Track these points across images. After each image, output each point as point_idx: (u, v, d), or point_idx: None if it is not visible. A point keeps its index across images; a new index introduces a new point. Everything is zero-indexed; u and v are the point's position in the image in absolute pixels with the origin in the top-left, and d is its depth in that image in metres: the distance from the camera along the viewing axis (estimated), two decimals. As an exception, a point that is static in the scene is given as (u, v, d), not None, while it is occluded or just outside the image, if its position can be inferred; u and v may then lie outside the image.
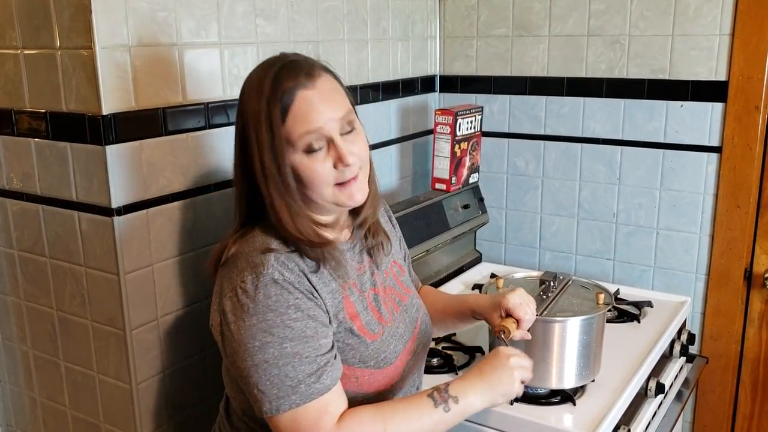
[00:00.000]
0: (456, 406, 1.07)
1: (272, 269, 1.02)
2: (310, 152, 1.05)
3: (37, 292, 1.43)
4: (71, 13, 1.19)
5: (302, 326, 1.02)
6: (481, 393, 1.09)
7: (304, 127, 1.04)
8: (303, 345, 1.01)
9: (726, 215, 1.85)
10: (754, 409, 1.97)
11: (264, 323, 1.00)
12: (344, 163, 1.06)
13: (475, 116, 2.02)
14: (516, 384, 1.12)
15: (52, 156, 1.30)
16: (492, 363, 1.13)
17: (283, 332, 1.00)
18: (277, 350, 1.00)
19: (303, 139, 1.04)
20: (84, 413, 1.44)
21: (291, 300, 1.02)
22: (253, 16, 1.47)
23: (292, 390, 1.00)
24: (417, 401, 1.07)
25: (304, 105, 1.04)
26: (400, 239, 1.37)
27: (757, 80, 1.75)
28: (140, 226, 1.29)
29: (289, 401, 1.00)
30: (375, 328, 1.15)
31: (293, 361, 1.00)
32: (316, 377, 1.01)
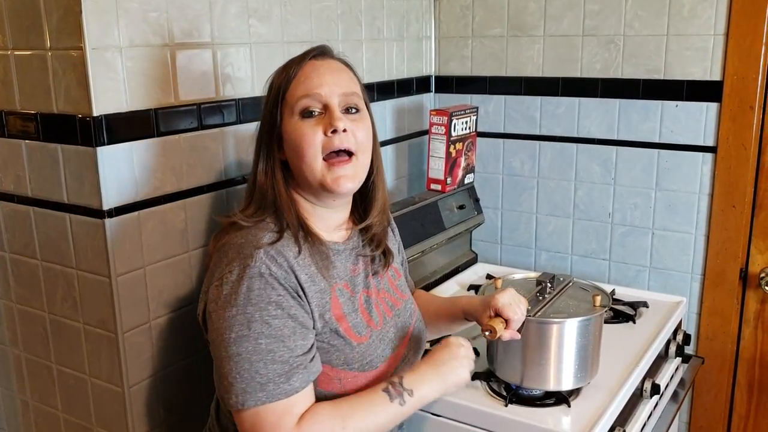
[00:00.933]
0: (411, 399, 1.09)
1: (260, 262, 1.02)
2: (306, 116, 1.09)
3: (28, 294, 1.42)
4: (61, 14, 1.18)
5: (280, 324, 1.02)
6: (435, 384, 1.12)
7: (303, 90, 1.09)
8: (278, 344, 1.01)
9: (721, 215, 1.85)
10: (750, 409, 1.97)
11: (243, 316, 1.00)
12: (333, 126, 1.07)
13: (470, 117, 2.01)
14: (466, 372, 1.16)
15: (42, 157, 1.29)
16: (444, 353, 1.16)
17: (260, 328, 1.00)
18: (252, 345, 1.00)
19: (301, 102, 1.09)
20: (76, 416, 1.43)
21: (273, 296, 1.02)
22: (246, 16, 1.46)
23: (260, 387, 1.00)
24: (373, 396, 1.08)
25: (308, 71, 1.11)
26: (399, 245, 1.37)
27: (751, 80, 1.74)
28: (132, 228, 1.28)
29: (254, 398, 1.00)
30: (362, 330, 1.14)
31: (266, 358, 1.00)
32: (286, 378, 1.01)
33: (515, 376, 1.36)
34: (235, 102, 1.46)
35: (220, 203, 1.45)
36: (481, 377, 1.43)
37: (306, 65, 1.11)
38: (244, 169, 1.48)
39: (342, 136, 1.08)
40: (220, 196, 1.45)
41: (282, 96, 1.11)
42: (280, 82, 1.12)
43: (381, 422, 1.07)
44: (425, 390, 1.11)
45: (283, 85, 1.11)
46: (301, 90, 1.09)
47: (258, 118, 1.19)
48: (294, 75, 1.11)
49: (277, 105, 1.11)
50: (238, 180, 1.48)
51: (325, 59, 1.14)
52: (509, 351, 1.37)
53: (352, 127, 1.10)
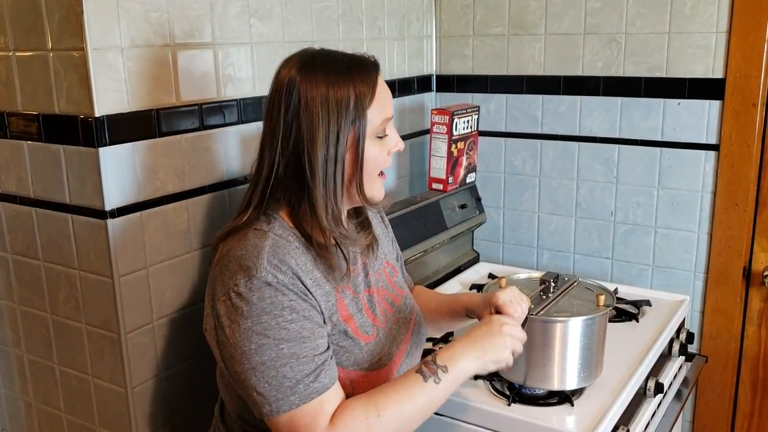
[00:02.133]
0: (446, 375, 1.06)
1: (265, 272, 1.01)
2: (380, 138, 1.12)
3: (31, 295, 1.42)
4: (62, 14, 1.18)
5: (298, 327, 1.01)
6: (472, 358, 1.08)
7: (384, 114, 1.11)
8: (300, 345, 1.00)
9: (724, 213, 1.84)
10: (753, 407, 1.96)
11: (259, 326, 1.00)
12: (398, 148, 1.15)
13: (471, 116, 2.01)
14: (507, 352, 1.11)
15: (44, 158, 1.29)
16: (484, 329, 1.12)
17: (279, 334, 1.00)
18: (274, 352, 0.99)
19: (381, 125, 1.11)
20: (79, 417, 1.43)
21: (285, 302, 1.01)
22: (246, 16, 1.46)
23: (291, 390, 0.99)
24: (406, 380, 1.06)
25: (382, 92, 1.11)
26: (392, 240, 1.37)
27: (754, 77, 1.74)
28: (134, 228, 1.28)
29: (288, 402, 0.99)
30: (369, 329, 1.14)
31: (291, 361, 0.99)
32: (314, 376, 1.00)
33: (519, 375, 1.36)
34: (237, 102, 1.46)
35: (222, 203, 1.45)
36: (484, 377, 1.43)
37: (379, 83, 1.10)
38: (246, 170, 1.48)
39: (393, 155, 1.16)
40: (222, 196, 1.45)
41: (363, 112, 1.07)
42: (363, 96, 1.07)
43: (419, 405, 1.04)
44: (461, 364, 1.07)
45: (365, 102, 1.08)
46: (383, 113, 1.10)
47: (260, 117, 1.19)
48: (373, 95, 1.09)
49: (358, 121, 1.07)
50: (240, 180, 1.48)
51: (379, 73, 1.13)
52: (512, 350, 1.36)
53: None
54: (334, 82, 1.06)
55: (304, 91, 1.06)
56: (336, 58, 1.10)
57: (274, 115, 1.08)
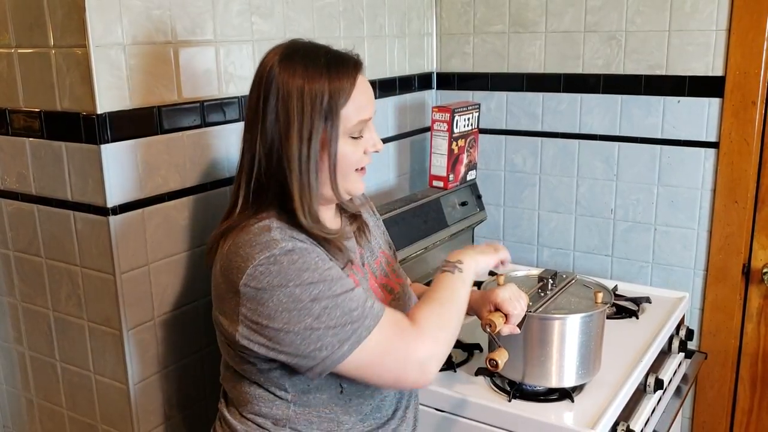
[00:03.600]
0: (463, 266, 1.19)
1: (283, 242, 1.02)
2: (354, 138, 1.11)
3: (32, 292, 1.42)
4: (65, 11, 1.18)
5: (336, 272, 1.04)
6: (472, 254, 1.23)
7: (361, 115, 1.10)
8: (345, 282, 1.04)
9: (724, 211, 1.85)
10: (753, 404, 1.97)
11: (303, 284, 1.00)
12: (376, 149, 1.14)
13: (472, 113, 2.01)
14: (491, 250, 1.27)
15: (46, 155, 1.30)
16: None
17: (324, 279, 1.01)
18: (328, 296, 1.01)
19: (357, 126, 1.10)
20: (81, 414, 1.43)
21: (314, 257, 1.03)
22: (248, 13, 1.47)
23: (362, 315, 1.02)
24: (438, 281, 1.17)
25: (361, 92, 1.10)
26: (383, 231, 1.37)
27: (753, 75, 1.74)
28: (136, 225, 1.29)
29: (365, 326, 1.01)
30: None
31: (347, 297, 1.02)
32: (372, 300, 1.05)
33: (518, 372, 1.36)
34: (238, 99, 1.46)
35: (223, 200, 1.45)
36: (484, 373, 1.44)
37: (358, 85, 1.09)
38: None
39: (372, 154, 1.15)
40: (224, 193, 1.45)
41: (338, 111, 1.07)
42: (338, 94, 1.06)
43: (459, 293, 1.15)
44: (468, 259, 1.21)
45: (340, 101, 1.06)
46: (360, 115, 1.09)
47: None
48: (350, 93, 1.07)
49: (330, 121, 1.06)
50: (242, 177, 1.48)
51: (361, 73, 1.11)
52: (511, 347, 1.36)
53: None
54: (310, 76, 1.06)
55: (280, 81, 1.06)
56: (318, 52, 1.10)
57: (252, 102, 1.09)
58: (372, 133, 1.14)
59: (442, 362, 1.07)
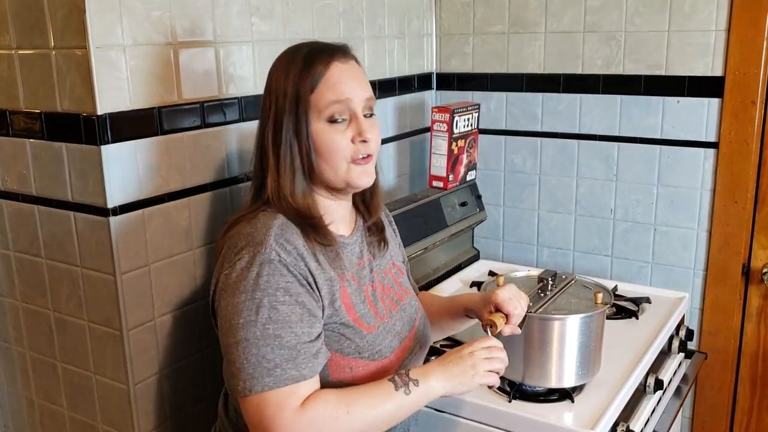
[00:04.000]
0: (416, 389, 1.07)
1: (270, 249, 1.03)
2: (333, 122, 1.10)
3: (33, 293, 1.42)
4: (65, 12, 1.18)
5: (288, 311, 1.02)
6: (442, 379, 1.10)
7: (333, 96, 1.09)
8: (285, 329, 1.01)
9: (723, 211, 1.85)
10: (752, 404, 1.97)
11: (251, 301, 1.01)
12: (362, 138, 1.11)
13: (472, 114, 2.01)
14: (477, 377, 1.11)
15: (47, 156, 1.30)
16: (454, 355, 1.13)
17: (268, 313, 1.01)
18: (260, 330, 1.00)
19: (330, 108, 1.09)
20: (81, 414, 1.44)
21: (282, 282, 1.02)
22: (248, 14, 1.47)
23: (267, 372, 0.99)
24: (379, 385, 1.07)
25: (336, 75, 1.10)
26: (399, 244, 1.38)
27: (753, 75, 1.75)
28: (136, 226, 1.29)
29: (262, 383, 0.99)
30: (371, 321, 1.15)
31: (273, 343, 1.00)
32: (294, 364, 1.01)
33: (517, 373, 1.37)
34: (238, 100, 1.46)
35: (223, 201, 1.45)
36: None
37: (332, 68, 1.10)
38: (247, 167, 1.49)
39: (367, 145, 1.12)
40: (224, 194, 1.45)
41: (307, 96, 1.09)
42: (303, 80, 1.09)
43: (387, 410, 1.05)
44: (432, 382, 1.09)
45: (308, 85, 1.09)
46: (331, 96, 1.09)
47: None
48: (321, 77, 1.09)
49: (303, 105, 1.09)
50: (241, 178, 1.48)
51: (347, 61, 1.12)
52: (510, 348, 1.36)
53: (372, 130, 1.13)
54: (287, 68, 1.11)
55: (268, 78, 1.14)
56: (305, 45, 1.14)
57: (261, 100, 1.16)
58: (359, 121, 1.11)
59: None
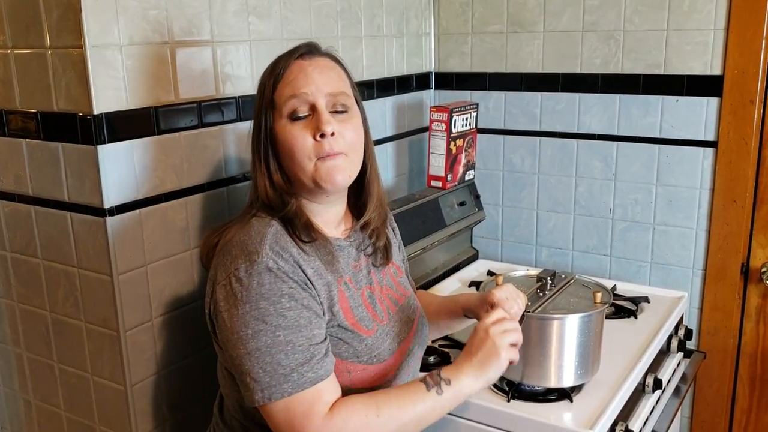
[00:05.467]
0: (449, 388, 1.06)
1: (266, 257, 1.02)
2: (294, 119, 1.09)
3: (30, 293, 1.42)
4: (60, 12, 1.18)
5: (296, 315, 1.01)
6: (473, 374, 1.08)
7: (290, 90, 1.09)
8: (296, 334, 1.01)
9: (722, 210, 1.84)
10: (752, 403, 1.97)
11: (257, 311, 1.00)
12: (320, 131, 1.07)
13: (470, 113, 2.01)
14: (503, 354, 1.09)
15: (43, 156, 1.29)
16: (474, 341, 1.11)
17: (276, 320, 1.00)
18: (270, 338, 1.00)
19: (288, 103, 1.08)
20: (79, 415, 1.43)
21: (285, 289, 1.02)
22: (245, 13, 1.46)
23: (285, 378, 0.99)
24: (410, 387, 1.07)
25: (295, 71, 1.10)
26: (399, 244, 1.38)
27: (752, 74, 1.74)
28: (133, 226, 1.28)
29: (280, 390, 0.99)
30: (369, 324, 1.14)
31: (286, 349, 1.00)
32: (309, 366, 1.01)
33: (516, 372, 1.36)
34: (235, 100, 1.46)
35: (220, 201, 1.45)
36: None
37: (293, 65, 1.09)
38: (244, 167, 1.48)
39: (331, 140, 1.08)
40: (221, 194, 1.45)
41: (270, 96, 1.10)
42: (268, 81, 1.11)
43: (419, 412, 1.04)
44: (464, 380, 1.07)
45: (271, 84, 1.10)
46: (287, 91, 1.08)
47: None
48: (281, 75, 1.09)
49: (266, 106, 1.10)
50: (239, 178, 1.48)
51: (313, 57, 1.11)
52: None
53: (340, 129, 1.09)
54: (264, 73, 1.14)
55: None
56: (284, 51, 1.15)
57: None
58: (320, 115, 1.07)
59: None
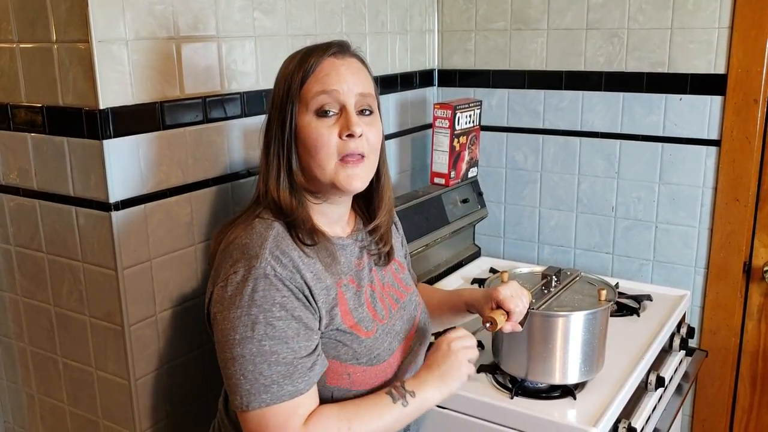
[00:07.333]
0: (414, 400, 1.09)
1: (265, 263, 1.02)
2: (321, 115, 1.07)
3: (34, 288, 1.42)
4: (67, 6, 1.18)
5: (284, 326, 1.01)
6: (435, 385, 1.12)
7: (320, 87, 1.07)
8: (282, 345, 1.01)
9: (725, 208, 1.85)
10: (753, 401, 1.97)
11: (247, 317, 1.00)
12: (349, 131, 1.07)
13: (473, 110, 2.01)
14: (464, 368, 1.13)
15: (48, 151, 1.29)
16: (437, 355, 1.14)
17: (264, 329, 1.00)
18: (256, 347, 1.00)
19: (317, 99, 1.07)
20: (82, 410, 1.43)
21: (278, 297, 1.02)
22: (250, 9, 1.46)
23: (264, 389, 1.00)
24: (377, 399, 1.09)
25: (327, 68, 1.08)
26: (402, 239, 1.37)
27: (755, 73, 1.74)
28: (138, 221, 1.29)
29: (259, 399, 1.00)
30: (369, 325, 1.14)
31: (269, 359, 1.00)
32: (290, 380, 1.01)
33: (520, 369, 1.37)
34: (240, 95, 1.46)
35: (225, 196, 1.45)
36: (487, 370, 1.44)
37: (325, 61, 1.08)
38: (249, 163, 1.48)
39: (357, 141, 1.07)
40: (226, 189, 1.45)
41: (297, 90, 1.08)
42: (295, 75, 1.08)
43: (386, 423, 1.07)
44: (428, 392, 1.11)
45: (299, 78, 1.07)
46: (318, 86, 1.06)
47: (263, 111, 1.19)
48: (312, 70, 1.07)
49: (291, 99, 1.08)
50: (243, 173, 1.48)
51: (345, 57, 1.10)
52: (514, 344, 1.37)
53: (365, 131, 1.09)
54: (288, 64, 1.11)
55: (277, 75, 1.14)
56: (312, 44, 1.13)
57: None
58: (349, 114, 1.07)
59: None
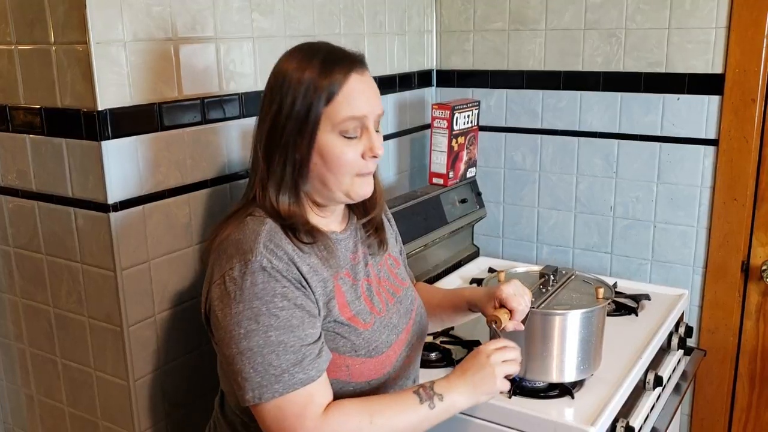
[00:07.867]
0: (441, 404, 1.08)
1: (261, 256, 1.02)
2: (346, 137, 1.08)
3: (33, 289, 1.42)
4: (65, 8, 1.18)
5: (288, 315, 1.02)
6: (465, 393, 1.10)
7: (351, 111, 1.07)
8: (288, 334, 1.01)
9: (723, 208, 1.85)
10: (751, 400, 1.97)
11: (250, 311, 1.01)
12: (373, 153, 1.09)
13: (472, 110, 2.02)
14: (498, 381, 1.13)
15: (47, 152, 1.30)
16: (473, 363, 1.13)
17: (269, 320, 1.00)
18: (262, 338, 1.00)
19: (346, 123, 1.07)
20: (81, 410, 1.44)
21: (278, 288, 1.02)
22: (248, 10, 1.47)
23: (276, 379, 1.00)
24: (403, 397, 1.08)
25: (356, 90, 1.07)
26: (396, 235, 1.38)
27: (753, 73, 1.75)
28: (136, 222, 1.29)
29: (271, 390, 1.00)
30: (367, 317, 1.15)
31: (277, 349, 1.00)
32: (300, 367, 1.01)
33: (518, 368, 1.37)
34: (238, 96, 1.46)
35: (223, 197, 1.45)
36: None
37: (351, 79, 1.07)
38: (247, 164, 1.48)
39: (375, 160, 1.11)
40: (224, 190, 1.45)
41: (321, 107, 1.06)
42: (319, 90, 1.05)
43: (410, 423, 1.06)
44: (455, 397, 1.09)
45: (324, 96, 1.05)
46: (348, 111, 1.06)
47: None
48: (338, 89, 1.06)
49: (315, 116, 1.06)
50: (242, 174, 1.48)
51: (364, 73, 1.10)
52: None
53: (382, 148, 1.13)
54: (302, 67, 1.07)
55: (277, 69, 1.10)
56: (321, 48, 1.10)
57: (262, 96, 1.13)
58: (371, 136, 1.10)
59: None
